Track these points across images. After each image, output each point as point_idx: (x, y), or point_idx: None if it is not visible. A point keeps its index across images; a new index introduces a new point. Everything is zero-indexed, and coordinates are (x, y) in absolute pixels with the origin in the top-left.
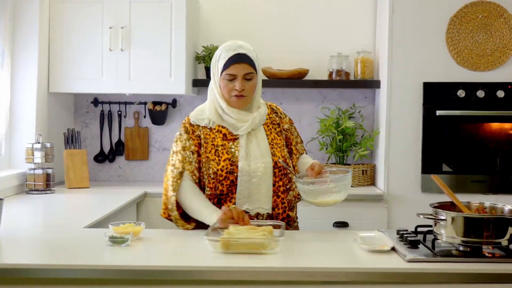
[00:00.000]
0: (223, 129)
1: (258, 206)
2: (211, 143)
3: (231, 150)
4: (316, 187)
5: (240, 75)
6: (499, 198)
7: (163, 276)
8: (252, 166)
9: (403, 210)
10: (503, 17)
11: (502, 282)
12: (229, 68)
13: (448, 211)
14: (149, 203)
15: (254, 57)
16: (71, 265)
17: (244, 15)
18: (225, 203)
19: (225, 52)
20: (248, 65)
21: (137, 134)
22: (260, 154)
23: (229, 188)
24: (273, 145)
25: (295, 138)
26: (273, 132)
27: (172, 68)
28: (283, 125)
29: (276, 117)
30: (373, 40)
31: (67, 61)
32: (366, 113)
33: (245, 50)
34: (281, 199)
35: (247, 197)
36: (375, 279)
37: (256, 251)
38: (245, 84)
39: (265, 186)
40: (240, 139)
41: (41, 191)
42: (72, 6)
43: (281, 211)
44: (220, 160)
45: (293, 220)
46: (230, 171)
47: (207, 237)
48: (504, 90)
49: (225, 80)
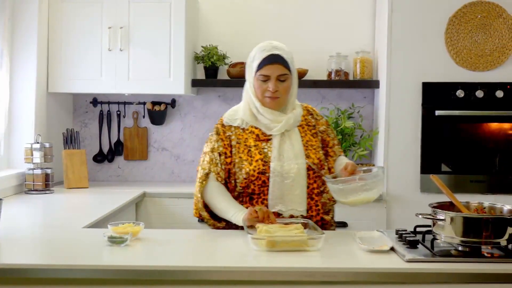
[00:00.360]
0: (255, 129)
1: (292, 208)
2: (243, 144)
3: (263, 151)
4: (345, 186)
5: (274, 76)
6: (498, 198)
7: (162, 276)
8: (285, 167)
9: (402, 210)
10: (502, 17)
11: (501, 282)
12: (263, 68)
13: (447, 211)
14: (148, 203)
15: (289, 58)
16: (70, 265)
17: (243, 15)
18: (256, 203)
19: (259, 52)
20: (282, 66)
21: (136, 134)
22: (293, 155)
23: (261, 189)
24: (307, 146)
25: (331, 140)
26: (308, 134)
27: (171, 68)
28: (319, 127)
29: (312, 118)
30: (372, 40)
31: (66, 61)
32: (365, 113)
33: (279, 51)
34: (314, 201)
35: (280, 198)
36: (374, 279)
37: (299, 248)
38: (278, 85)
39: (298, 188)
40: (273, 140)
41: (40, 191)
42: (71, 6)
43: (314, 213)
44: (253, 160)
45: (329, 224)
46: (262, 172)
47: (252, 236)
48: (503, 90)
49: (259, 80)
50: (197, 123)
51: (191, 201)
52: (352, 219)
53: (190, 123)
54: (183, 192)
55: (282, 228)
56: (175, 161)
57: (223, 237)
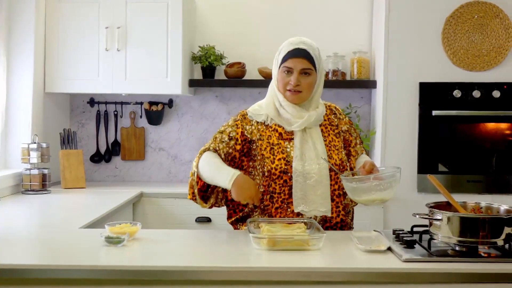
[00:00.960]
0: (279, 128)
1: (314, 208)
2: (266, 141)
3: (286, 150)
4: (359, 185)
5: (297, 69)
6: (495, 198)
7: (159, 276)
8: (307, 167)
9: (399, 210)
10: (499, 17)
11: (498, 282)
12: (287, 61)
13: (444, 211)
14: (145, 203)
15: (316, 55)
16: (67, 266)
17: (240, 15)
18: (277, 203)
19: (287, 46)
20: (306, 60)
21: (133, 134)
22: (315, 155)
23: (282, 188)
24: (330, 147)
25: (354, 139)
26: (331, 133)
27: (169, 68)
28: (342, 126)
29: (334, 118)
30: (369, 40)
31: (63, 61)
32: (362, 113)
33: (306, 46)
34: (335, 202)
35: (302, 198)
36: (371, 279)
37: (301, 247)
38: (301, 79)
39: (320, 188)
40: (294, 139)
41: (37, 191)
42: (68, 6)
43: (335, 215)
44: (275, 158)
45: (348, 226)
46: (284, 171)
47: (253, 235)
48: (500, 90)
49: (282, 73)
50: (194, 123)
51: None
52: None
53: (187, 123)
54: (180, 192)
55: (284, 227)
56: (172, 161)
57: (220, 237)
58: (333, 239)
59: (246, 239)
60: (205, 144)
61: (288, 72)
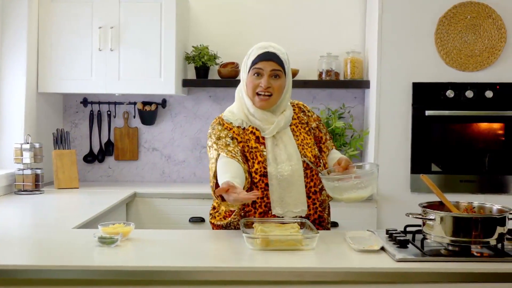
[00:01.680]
0: (257, 131)
1: (287, 210)
2: (246, 144)
3: (263, 154)
4: (341, 184)
5: (267, 71)
6: (488, 197)
7: (152, 276)
8: (279, 169)
9: (393, 210)
10: (492, 17)
11: (491, 281)
12: (258, 63)
13: (437, 211)
14: (139, 204)
15: (285, 59)
16: (60, 266)
17: (234, 15)
18: (260, 207)
19: (256, 49)
20: (276, 63)
21: (127, 134)
22: (287, 157)
23: (264, 192)
24: (303, 145)
25: (324, 135)
26: (302, 132)
27: (162, 68)
28: (311, 123)
29: (304, 116)
30: (362, 40)
31: (56, 61)
32: (356, 113)
33: (275, 49)
34: (312, 200)
35: (278, 201)
36: (365, 279)
37: (294, 247)
38: (271, 81)
39: (294, 189)
40: (266, 143)
41: (30, 191)
42: (61, 6)
43: (312, 212)
44: (254, 162)
45: (326, 221)
46: (264, 174)
47: (246, 235)
48: (493, 90)
49: (252, 76)
50: (187, 123)
51: (181, 202)
52: (343, 219)
53: (181, 123)
54: (173, 192)
55: (278, 227)
56: (166, 161)
57: (214, 238)
58: (327, 239)
59: (239, 239)
60: (210, 156)
61: (258, 75)
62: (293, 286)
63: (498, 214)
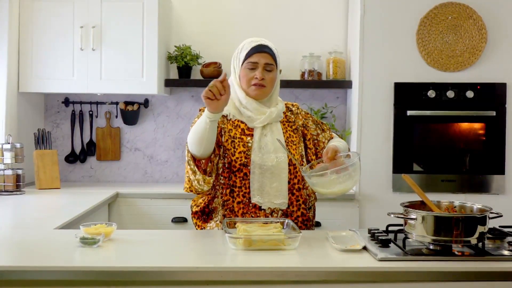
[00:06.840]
0: (242, 124)
1: (268, 200)
2: (228, 134)
3: (247, 144)
4: (319, 180)
5: (262, 64)
6: (469, 197)
7: (134, 277)
8: (265, 159)
9: (375, 210)
10: (472, 18)
11: (472, 280)
12: (252, 56)
13: (418, 210)
14: (121, 204)
15: (276, 53)
16: (41, 267)
17: (216, 15)
18: (238, 197)
19: (248, 43)
20: (269, 55)
21: (109, 134)
22: (274, 148)
23: (242, 182)
24: (288, 142)
25: (314, 130)
26: (288, 130)
27: (144, 68)
28: (298, 121)
29: (291, 115)
30: (344, 40)
31: (37, 61)
32: (338, 113)
33: (268, 43)
34: (295, 196)
35: (258, 189)
36: (347, 278)
37: (276, 247)
38: (265, 74)
39: (276, 180)
40: (254, 133)
41: (11, 192)
42: (42, 5)
43: (295, 209)
44: (236, 151)
45: (309, 220)
46: (244, 164)
47: (228, 235)
48: (473, 91)
49: (246, 69)
50: (170, 123)
51: (164, 202)
52: (325, 218)
53: (163, 123)
54: (156, 193)
55: (260, 227)
56: (148, 161)
57: (197, 238)
58: (309, 239)
59: (222, 239)
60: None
61: (252, 69)
62: (276, 286)
63: (479, 213)
